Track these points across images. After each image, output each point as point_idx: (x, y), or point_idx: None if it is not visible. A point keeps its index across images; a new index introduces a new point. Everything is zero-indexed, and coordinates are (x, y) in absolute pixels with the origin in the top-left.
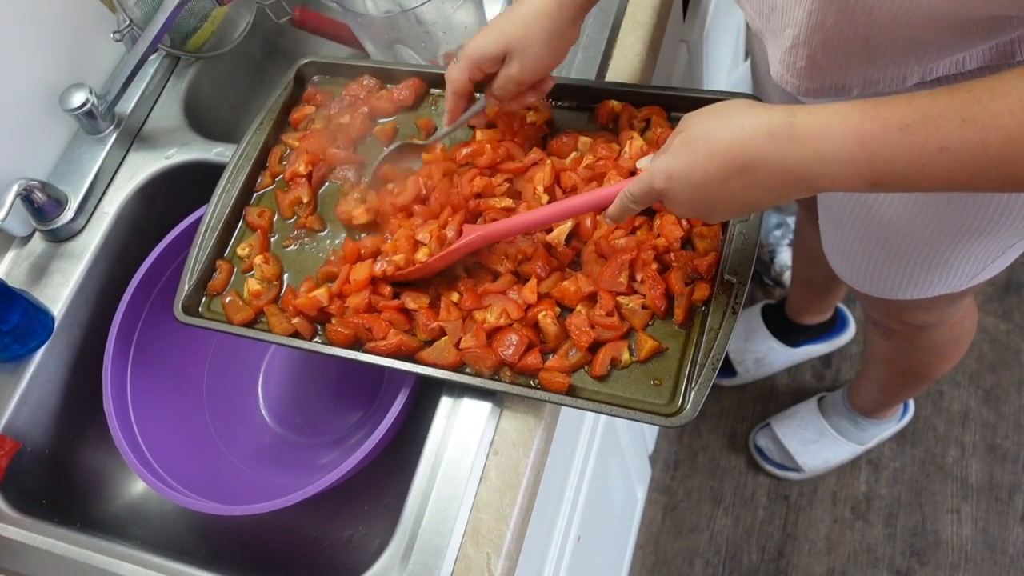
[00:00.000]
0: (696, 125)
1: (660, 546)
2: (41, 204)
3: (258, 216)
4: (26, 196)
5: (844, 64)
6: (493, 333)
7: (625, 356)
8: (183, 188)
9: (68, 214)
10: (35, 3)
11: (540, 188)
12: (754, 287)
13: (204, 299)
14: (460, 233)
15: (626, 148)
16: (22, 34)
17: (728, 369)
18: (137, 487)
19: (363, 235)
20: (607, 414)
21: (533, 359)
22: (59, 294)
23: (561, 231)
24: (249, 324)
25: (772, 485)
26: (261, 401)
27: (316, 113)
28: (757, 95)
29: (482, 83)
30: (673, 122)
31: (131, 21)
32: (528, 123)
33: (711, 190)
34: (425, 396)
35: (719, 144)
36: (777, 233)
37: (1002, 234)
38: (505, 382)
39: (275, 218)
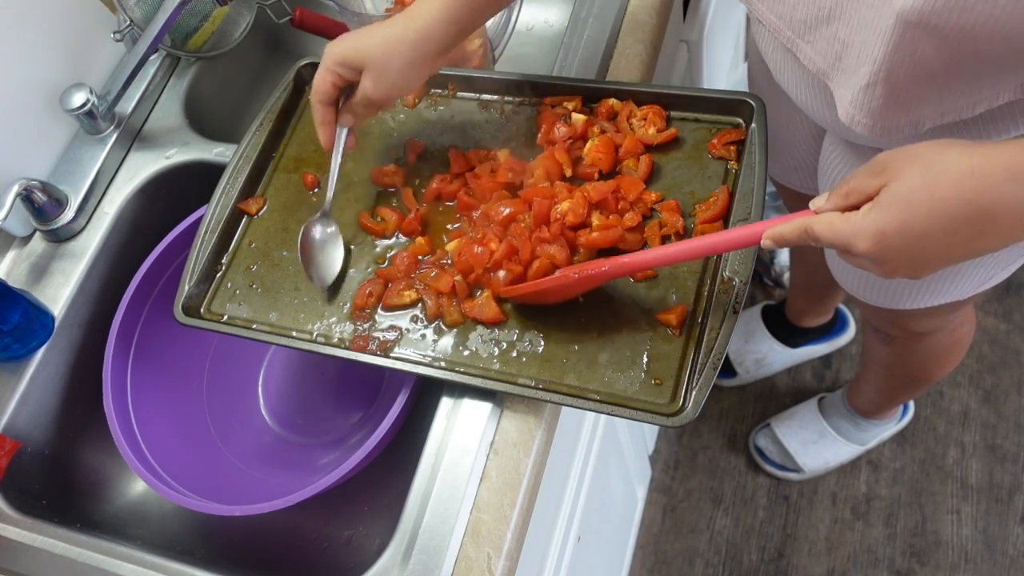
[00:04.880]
0: (908, 172)
1: (660, 546)
2: (41, 204)
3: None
4: (26, 196)
5: (923, 96)
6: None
7: None
8: (183, 188)
9: (68, 214)
10: (35, 3)
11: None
12: (754, 287)
13: (206, 299)
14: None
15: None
16: (22, 34)
17: (728, 370)
18: (137, 487)
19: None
20: (608, 414)
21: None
22: (59, 294)
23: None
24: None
25: (772, 485)
26: (261, 401)
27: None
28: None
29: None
30: (673, 122)
31: (131, 21)
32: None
33: (933, 243)
34: (425, 396)
35: (945, 193)
36: None
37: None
38: (502, 382)
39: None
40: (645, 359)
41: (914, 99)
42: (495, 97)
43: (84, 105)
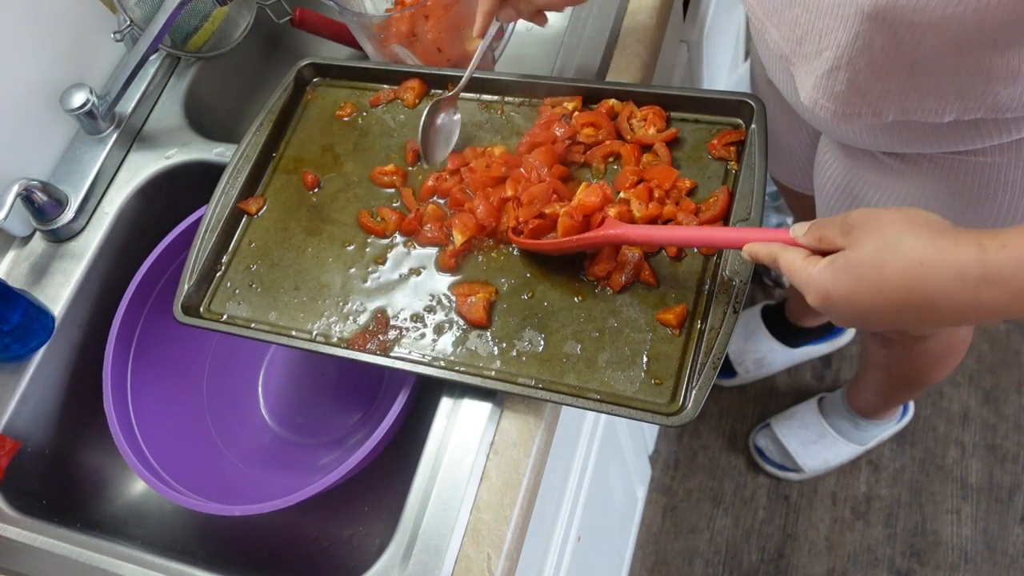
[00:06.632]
0: (865, 244)
1: (660, 546)
2: (41, 204)
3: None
4: (26, 196)
5: (886, 89)
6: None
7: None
8: (183, 188)
9: (68, 214)
10: (35, 3)
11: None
12: (754, 287)
13: (206, 298)
14: (601, 223)
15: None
16: (22, 34)
17: (728, 370)
18: (137, 487)
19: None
20: (608, 413)
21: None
22: (59, 294)
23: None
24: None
25: (772, 485)
26: (261, 401)
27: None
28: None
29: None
30: (673, 122)
31: (131, 21)
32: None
33: (876, 316)
34: (425, 396)
35: (892, 278)
36: None
37: None
38: (502, 384)
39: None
40: (645, 359)
41: (875, 90)
42: (495, 97)
43: (84, 105)
